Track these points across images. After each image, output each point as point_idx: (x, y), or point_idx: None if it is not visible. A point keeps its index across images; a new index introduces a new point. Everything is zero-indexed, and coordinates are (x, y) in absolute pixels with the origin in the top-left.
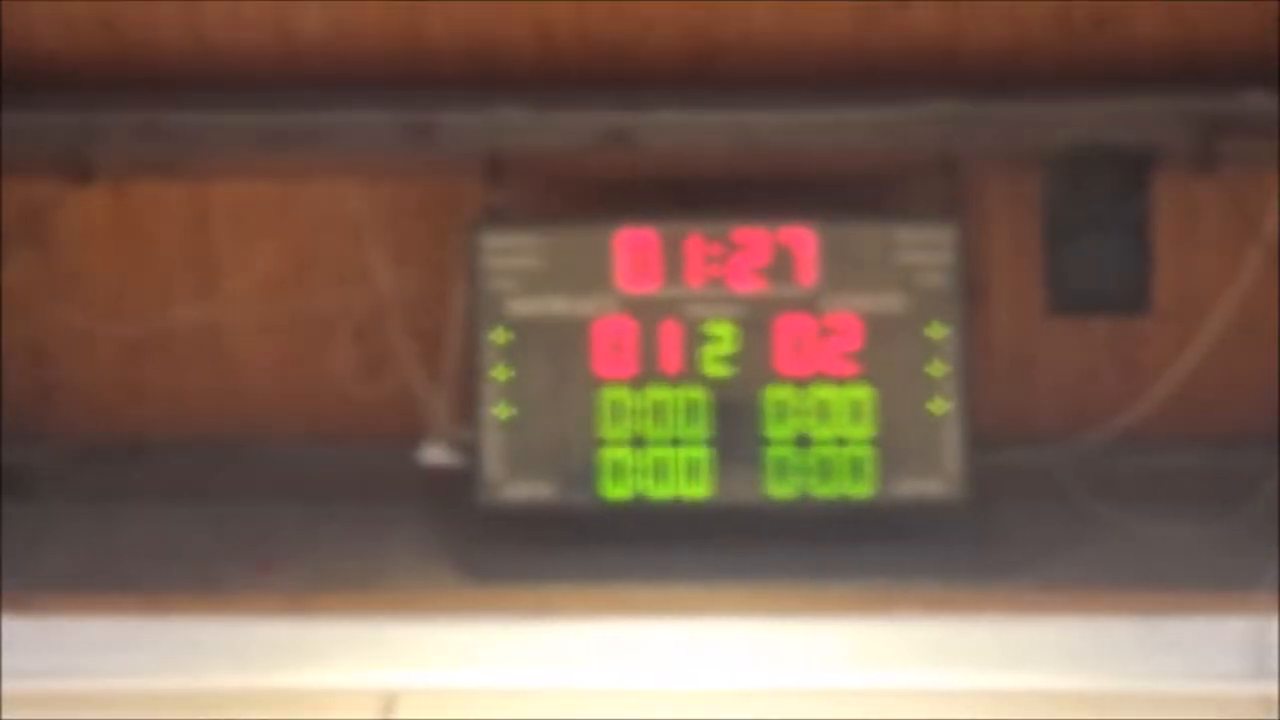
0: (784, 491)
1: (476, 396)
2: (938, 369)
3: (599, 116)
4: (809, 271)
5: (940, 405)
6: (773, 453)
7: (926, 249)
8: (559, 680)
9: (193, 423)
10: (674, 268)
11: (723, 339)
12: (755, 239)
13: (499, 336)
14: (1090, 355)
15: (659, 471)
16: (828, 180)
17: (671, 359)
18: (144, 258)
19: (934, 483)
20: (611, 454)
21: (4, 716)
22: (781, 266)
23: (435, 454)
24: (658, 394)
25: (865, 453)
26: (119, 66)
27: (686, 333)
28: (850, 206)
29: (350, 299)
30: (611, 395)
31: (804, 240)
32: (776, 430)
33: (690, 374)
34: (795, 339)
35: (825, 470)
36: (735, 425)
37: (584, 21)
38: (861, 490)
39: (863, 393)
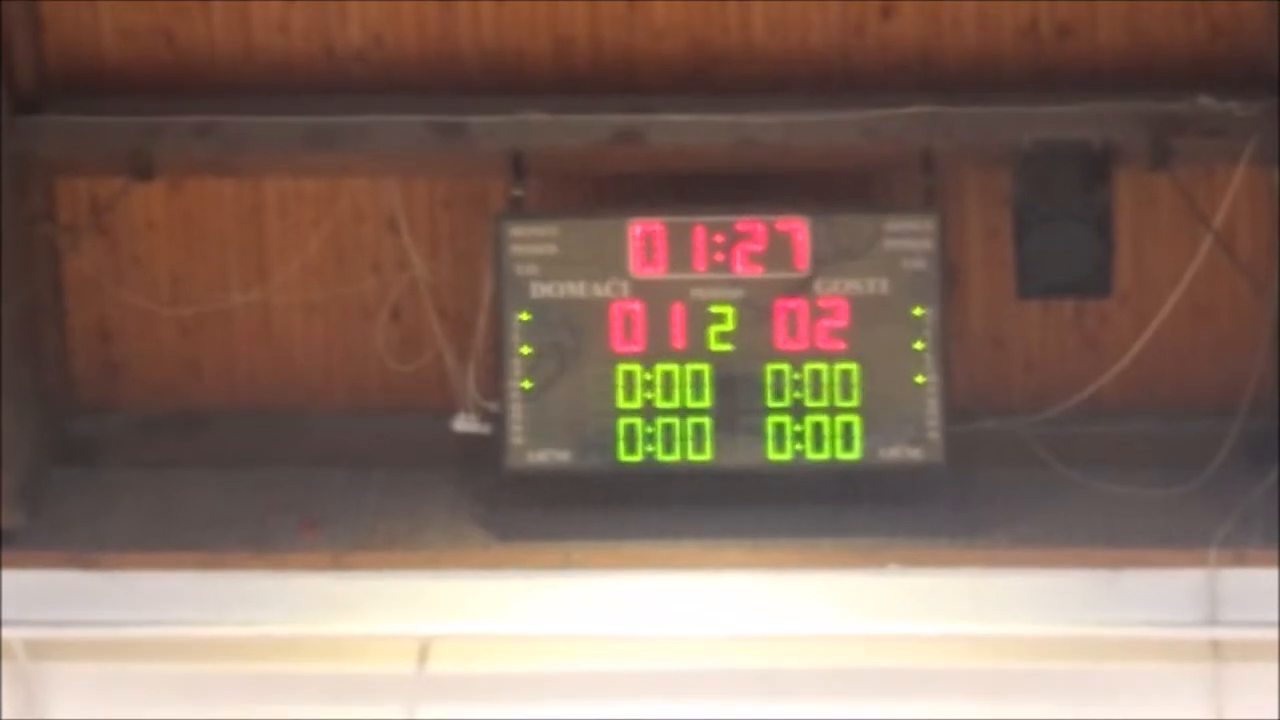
0: (780, 456)
1: (502, 371)
2: (919, 346)
3: (612, 118)
4: (803, 258)
5: (921, 379)
6: (770, 421)
7: (909, 237)
8: (577, 628)
9: (245, 396)
10: (681, 255)
11: (725, 319)
12: (754, 229)
13: (523, 317)
14: (1057, 334)
15: (668, 438)
16: (819, 175)
17: (679, 337)
18: (201, 246)
19: (916, 449)
20: (625, 422)
21: (76, 662)
22: (778, 253)
23: (465, 423)
24: (666, 368)
25: (854, 421)
26: (177, 74)
27: (692, 313)
28: (840, 199)
29: (388, 283)
30: (625, 369)
31: (798, 230)
32: (774, 401)
33: (696, 350)
34: (791, 318)
35: (818, 437)
36: (736, 396)
37: (598, 33)
38: (851, 455)
39: (851, 367)
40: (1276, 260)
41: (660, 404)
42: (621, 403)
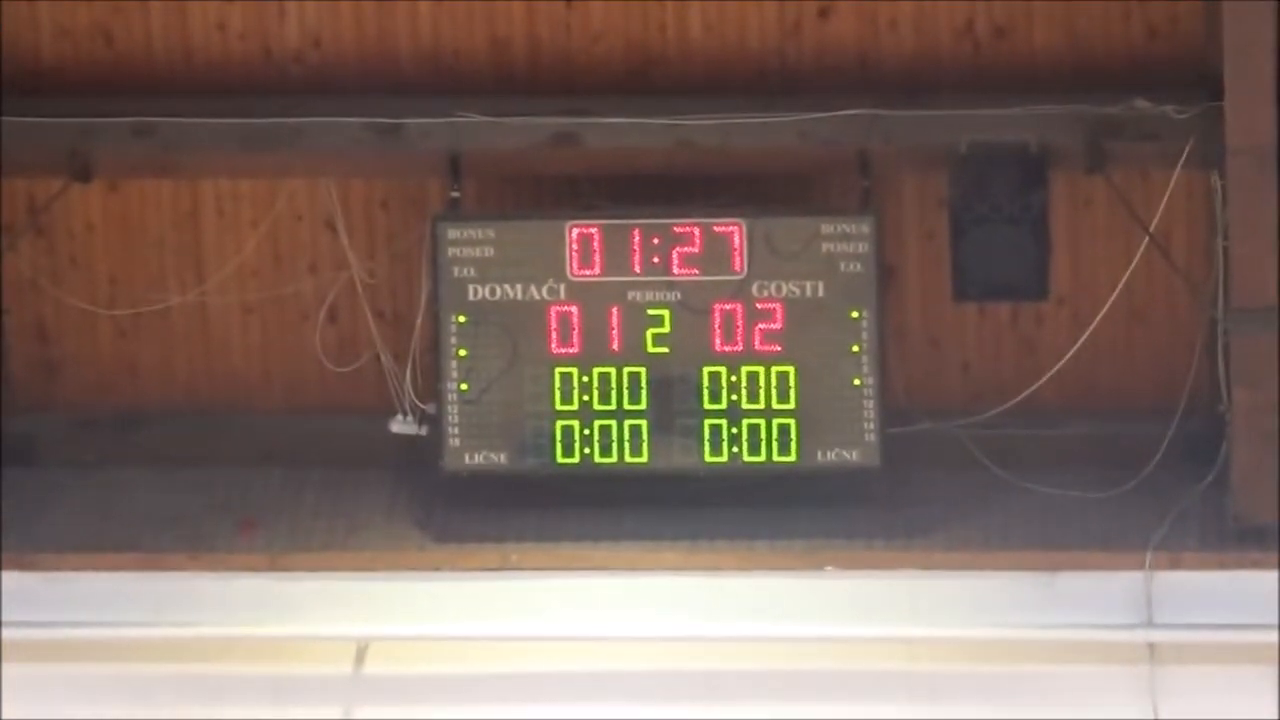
0: (717, 459)
1: (439, 373)
2: (856, 349)
3: (549, 120)
4: (740, 260)
5: (858, 381)
6: (707, 423)
7: (845, 240)
8: (514, 630)
9: (183, 396)
10: (618, 257)
11: (662, 321)
12: (691, 231)
13: (460, 319)
14: (994, 336)
15: (604, 441)
16: (756, 177)
17: (616, 339)
18: (138, 247)
19: (853, 451)
20: (562, 424)
21: (11, 665)
22: (715, 256)
23: (402, 425)
24: (603, 370)
25: (791, 424)
26: (116, 75)
27: (629, 316)
28: (777, 201)
29: (325, 284)
30: (562, 371)
31: (735, 232)
32: (710, 403)
33: (633, 353)
34: (728, 321)
35: (754, 440)
36: (673, 399)
37: (535, 35)
38: (787, 458)
39: (788, 369)
40: (1212, 262)
41: (597, 406)
42: (558, 405)
